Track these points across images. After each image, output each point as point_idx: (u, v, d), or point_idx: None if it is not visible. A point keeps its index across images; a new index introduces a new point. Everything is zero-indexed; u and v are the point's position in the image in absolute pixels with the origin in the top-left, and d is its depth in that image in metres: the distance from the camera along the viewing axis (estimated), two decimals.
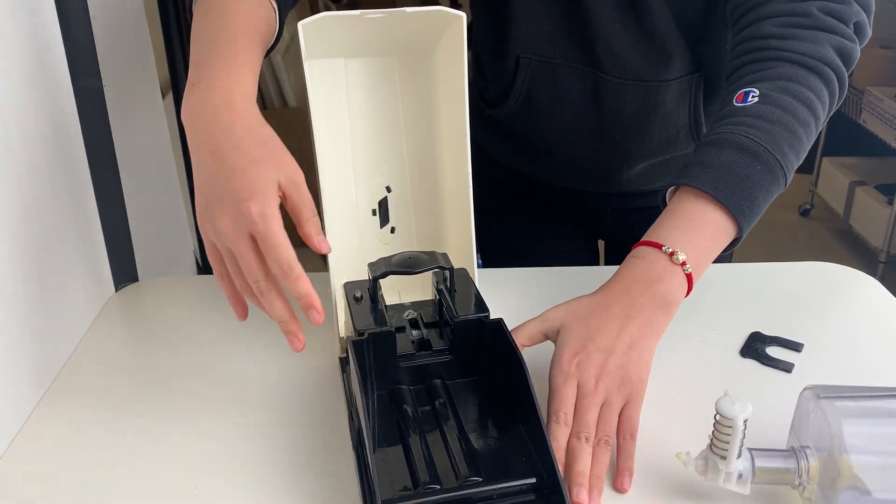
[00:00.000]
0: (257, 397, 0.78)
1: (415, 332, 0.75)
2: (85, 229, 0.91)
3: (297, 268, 0.61)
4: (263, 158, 0.61)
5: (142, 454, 0.71)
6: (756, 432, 0.64)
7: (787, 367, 0.81)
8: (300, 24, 0.69)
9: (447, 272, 0.73)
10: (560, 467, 0.61)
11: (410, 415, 0.69)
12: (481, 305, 0.72)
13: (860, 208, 2.84)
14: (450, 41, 0.78)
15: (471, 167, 0.78)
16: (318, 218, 0.64)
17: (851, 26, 0.79)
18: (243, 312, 0.68)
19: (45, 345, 0.81)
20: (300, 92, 2.73)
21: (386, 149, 0.83)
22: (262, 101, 2.69)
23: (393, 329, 0.70)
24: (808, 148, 0.77)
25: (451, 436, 0.66)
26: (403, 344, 0.73)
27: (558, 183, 1.08)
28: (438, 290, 0.75)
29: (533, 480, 0.61)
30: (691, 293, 0.75)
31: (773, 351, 0.84)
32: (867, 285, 0.97)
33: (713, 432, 0.61)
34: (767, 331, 0.86)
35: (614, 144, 0.98)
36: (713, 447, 0.61)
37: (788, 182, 0.76)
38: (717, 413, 0.60)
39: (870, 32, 0.80)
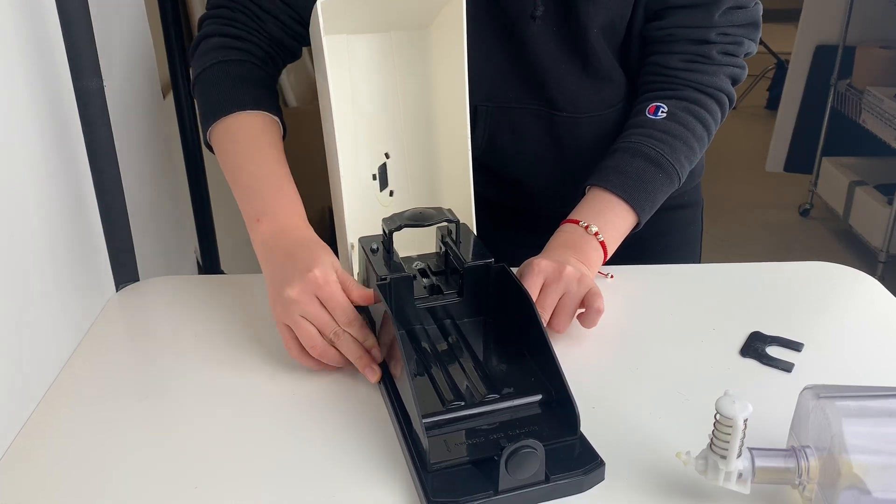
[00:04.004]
0: (258, 395, 0.78)
1: (425, 280, 0.83)
2: (85, 229, 0.91)
3: (358, 318, 0.78)
4: (322, 251, 0.80)
5: (142, 454, 0.71)
6: (756, 432, 0.64)
7: (786, 367, 0.81)
8: (319, 3, 0.76)
9: (453, 225, 0.82)
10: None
11: (429, 350, 0.78)
12: (485, 253, 0.80)
13: (860, 208, 2.84)
14: (449, 16, 0.83)
15: (469, 132, 0.86)
16: (360, 286, 0.80)
17: (742, 57, 0.97)
18: (333, 368, 0.80)
19: (46, 345, 0.81)
20: (300, 92, 2.73)
21: (385, 118, 0.89)
22: None
23: (411, 275, 0.79)
24: (700, 156, 0.97)
25: (468, 365, 0.76)
26: (417, 290, 0.81)
27: (524, 206, 1.13)
28: (444, 243, 0.84)
29: (540, 397, 0.72)
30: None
31: (773, 351, 0.84)
32: (867, 285, 0.97)
33: (713, 432, 0.61)
34: (767, 331, 0.86)
35: (577, 172, 1.03)
36: (713, 447, 0.62)
37: (681, 183, 0.95)
38: (717, 413, 0.60)
39: (756, 50, 0.98)
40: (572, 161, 1.04)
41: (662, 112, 0.93)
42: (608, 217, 0.90)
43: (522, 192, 1.09)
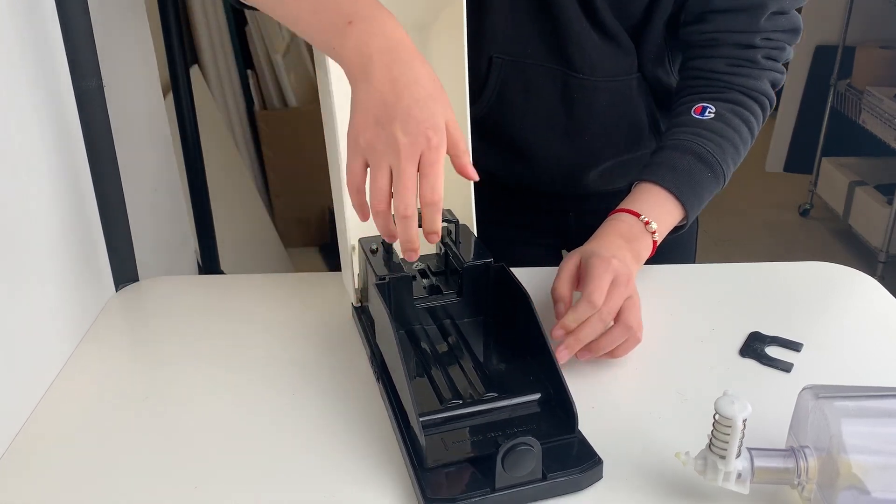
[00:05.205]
0: (258, 395, 0.78)
1: (425, 281, 0.84)
2: (85, 229, 0.91)
3: (441, 200, 0.68)
4: (438, 96, 0.68)
5: (141, 454, 0.71)
6: (755, 432, 0.64)
7: (786, 367, 0.81)
8: None
9: (453, 225, 0.82)
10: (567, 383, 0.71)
11: (428, 349, 0.79)
12: (484, 253, 0.81)
13: (860, 208, 2.84)
14: (449, 17, 0.83)
15: (470, 132, 0.85)
16: (469, 152, 0.72)
17: (782, 64, 0.97)
18: (366, 215, 0.71)
19: (46, 345, 0.81)
20: (300, 92, 2.73)
21: None
22: (262, 101, 2.69)
23: (410, 275, 0.79)
24: (742, 160, 0.95)
25: (467, 365, 0.76)
26: (417, 290, 0.82)
27: (526, 183, 1.10)
28: (444, 243, 0.84)
29: (539, 395, 0.72)
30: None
31: (773, 351, 0.84)
32: (867, 285, 0.97)
33: (712, 432, 0.61)
34: (767, 331, 0.86)
35: (584, 144, 1.02)
36: (712, 447, 0.62)
37: (724, 186, 0.93)
38: (717, 413, 0.60)
39: (791, 57, 0.98)
40: (581, 128, 1.02)
41: (710, 113, 0.92)
42: (663, 215, 0.88)
43: (524, 161, 1.06)
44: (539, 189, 1.11)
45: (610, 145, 1.05)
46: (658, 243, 0.87)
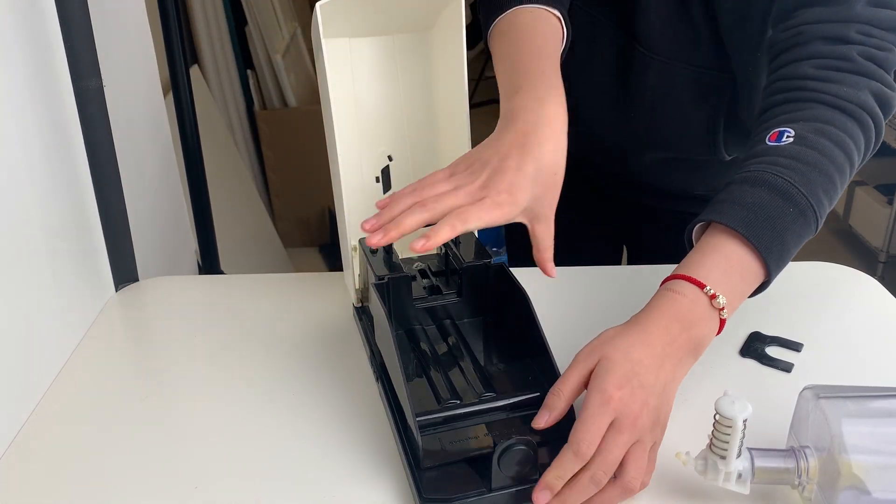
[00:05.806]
0: (257, 395, 0.78)
1: (425, 281, 0.84)
2: (85, 229, 0.91)
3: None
4: (559, 167, 0.73)
5: (142, 454, 0.71)
6: (756, 432, 0.64)
7: (786, 367, 0.81)
8: (318, 6, 0.76)
9: None
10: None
11: (427, 350, 0.78)
12: (484, 253, 0.81)
13: (860, 208, 2.84)
14: (449, 19, 0.83)
15: (469, 133, 0.84)
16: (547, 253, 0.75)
17: (892, 74, 0.77)
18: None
19: (46, 345, 0.81)
20: (300, 92, 2.73)
21: (388, 121, 0.89)
22: (262, 101, 2.69)
23: (410, 275, 0.79)
24: (841, 194, 0.75)
25: (466, 365, 0.76)
26: (416, 290, 0.82)
27: (580, 151, 1.00)
28: (444, 243, 0.82)
29: (538, 394, 0.70)
30: None
31: (773, 351, 0.84)
32: (867, 285, 0.97)
33: (713, 432, 0.61)
34: (767, 331, 0.86)
35: (628, 120, 0.98)
36: (713, 447, 0.62)
37: (819, 228, 0.74)
38: (717, 413, 0.60)
39: None
40: (628, 106, 0.97)
41: (788, 137, 0.74)
42: (734, 280, 0.69)
43: (577, 124, 0.99)
44: (594, 164, 1.06)
45: (653, 133, 1.00)
46: (726, 321, 0.69)
